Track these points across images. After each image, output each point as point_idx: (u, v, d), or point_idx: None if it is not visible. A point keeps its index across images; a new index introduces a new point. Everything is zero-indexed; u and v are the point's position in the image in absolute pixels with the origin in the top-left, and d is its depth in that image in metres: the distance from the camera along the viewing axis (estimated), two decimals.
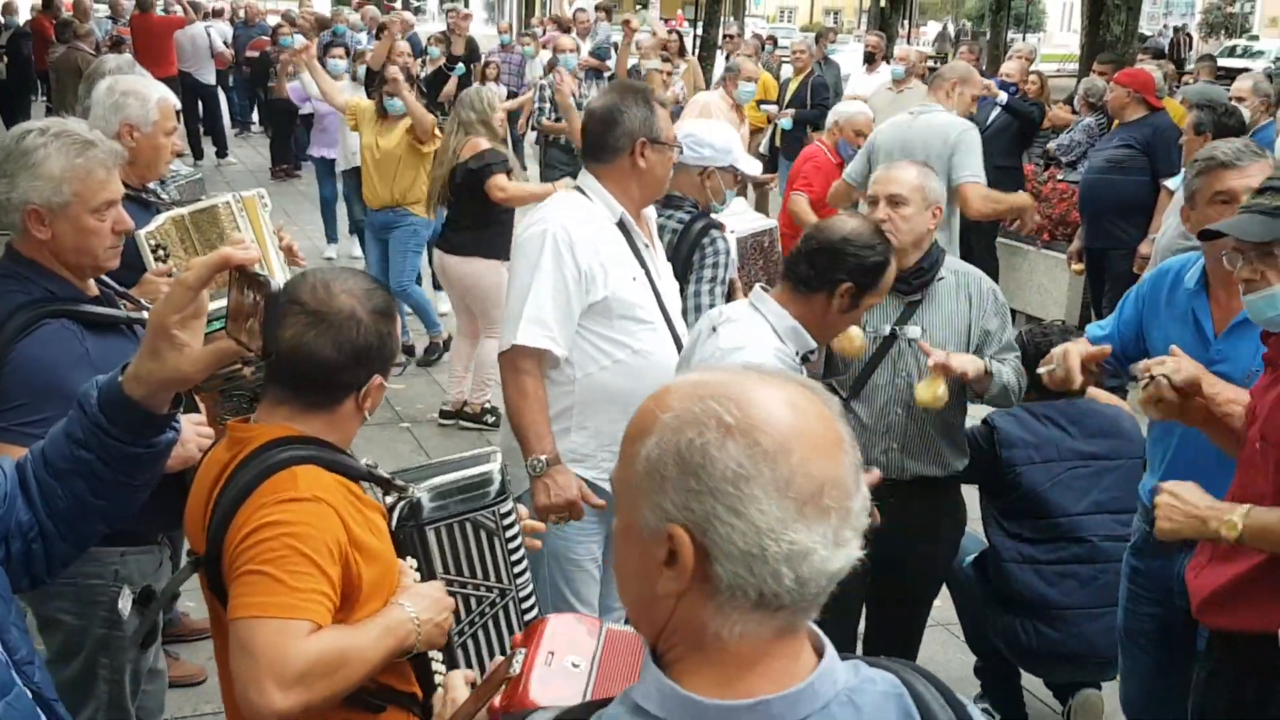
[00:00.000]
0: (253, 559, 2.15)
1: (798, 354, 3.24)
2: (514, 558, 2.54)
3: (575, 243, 3.55)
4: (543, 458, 3.55)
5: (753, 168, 4.64)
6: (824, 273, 3.22)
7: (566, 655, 1.77)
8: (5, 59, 16.18)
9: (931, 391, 3.65)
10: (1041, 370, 3.65)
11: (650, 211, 3.88)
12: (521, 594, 2.56)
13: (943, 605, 4.33)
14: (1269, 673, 2.89)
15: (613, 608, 4.08)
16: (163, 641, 4.33)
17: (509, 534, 2.53)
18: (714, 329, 3.25)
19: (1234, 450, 3.03)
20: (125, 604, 3.11)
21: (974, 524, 4.49)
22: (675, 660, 1.32)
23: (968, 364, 3.65)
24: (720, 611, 1.28)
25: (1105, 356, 3.58)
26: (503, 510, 2.52)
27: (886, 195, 3.79)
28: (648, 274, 3.68)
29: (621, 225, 3.67)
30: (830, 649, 1.35)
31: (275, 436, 2.27)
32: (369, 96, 8.48)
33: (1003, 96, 9.57)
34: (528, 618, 2.55)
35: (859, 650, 4.19)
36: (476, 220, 6.97)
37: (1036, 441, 4.24)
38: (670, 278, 3.89)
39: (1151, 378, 3.07)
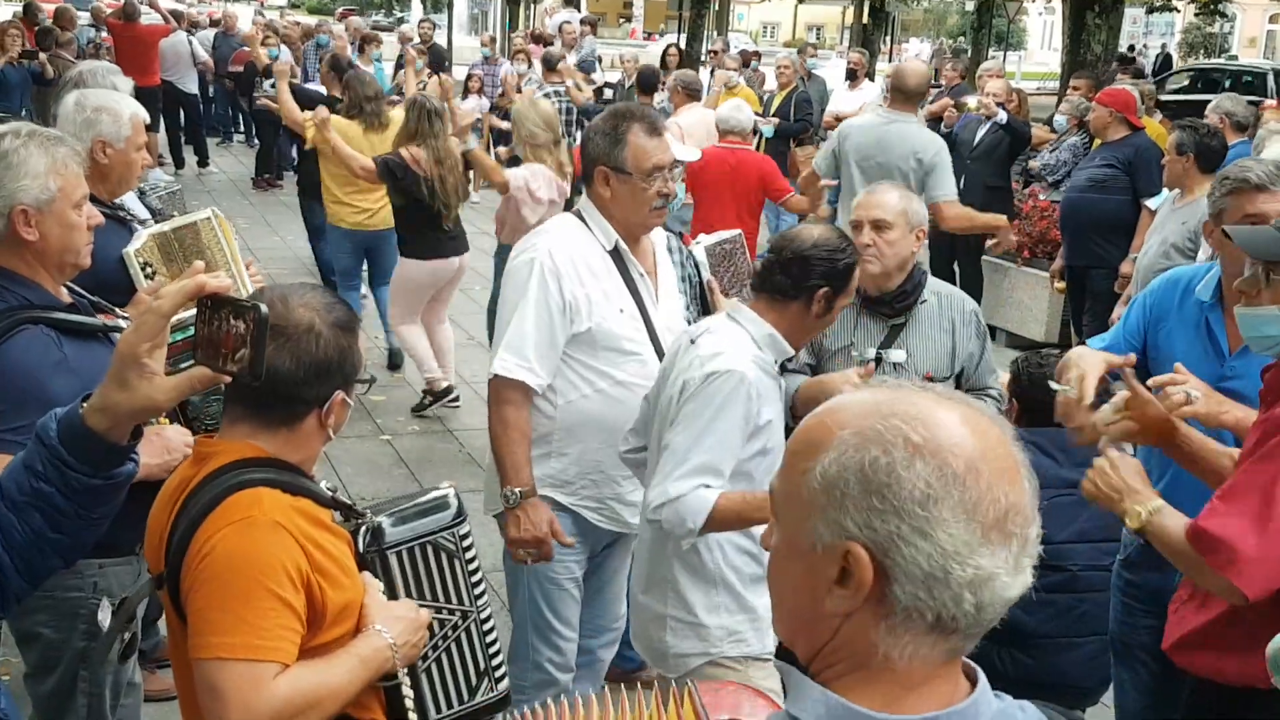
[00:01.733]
0: (215, 594, 2.11)
1: (776, 361, 3.24)
2: (474, 579, 2.52)
3: (561, 273, 3.53)
4: (518, 490, 3.54)
5: (689, 154, 4.58)
6: (800, 280, 3.21)
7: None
8: None
9: None
10: (1058, 389, 3.55)
11: (657, 235, 3.83)
12: (482, 615, 2.54)
13: None
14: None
15: (608, 628, 4.06)
16: (146, 664, 4.30)
17: (468, 555, 2.51)
18: (692, 341, 3.24)
19: (1210, 480, 2.95)
20: (105, 616, 3.08)
21: None
22: (835, 677, 1.31)
23: None
24: (892, 633, 1.27)
25: (1131, 364, 3.36)
26: (461, 532, 2.50)
27: (871, 220, 3.79)
28: (640, 305, 3.65)
29: (615, 253, 3.63)
30: (981, 674, 1.34)
31: (236, 458, 2.23)
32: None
33: (1002, 115, 9.60)
34: (490, 639, 2.54)
35: None
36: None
37: None
38: (671, 306, 3.83)
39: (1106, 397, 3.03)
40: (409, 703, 2.41)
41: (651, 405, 3.39)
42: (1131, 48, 25.95)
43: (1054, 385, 3.43)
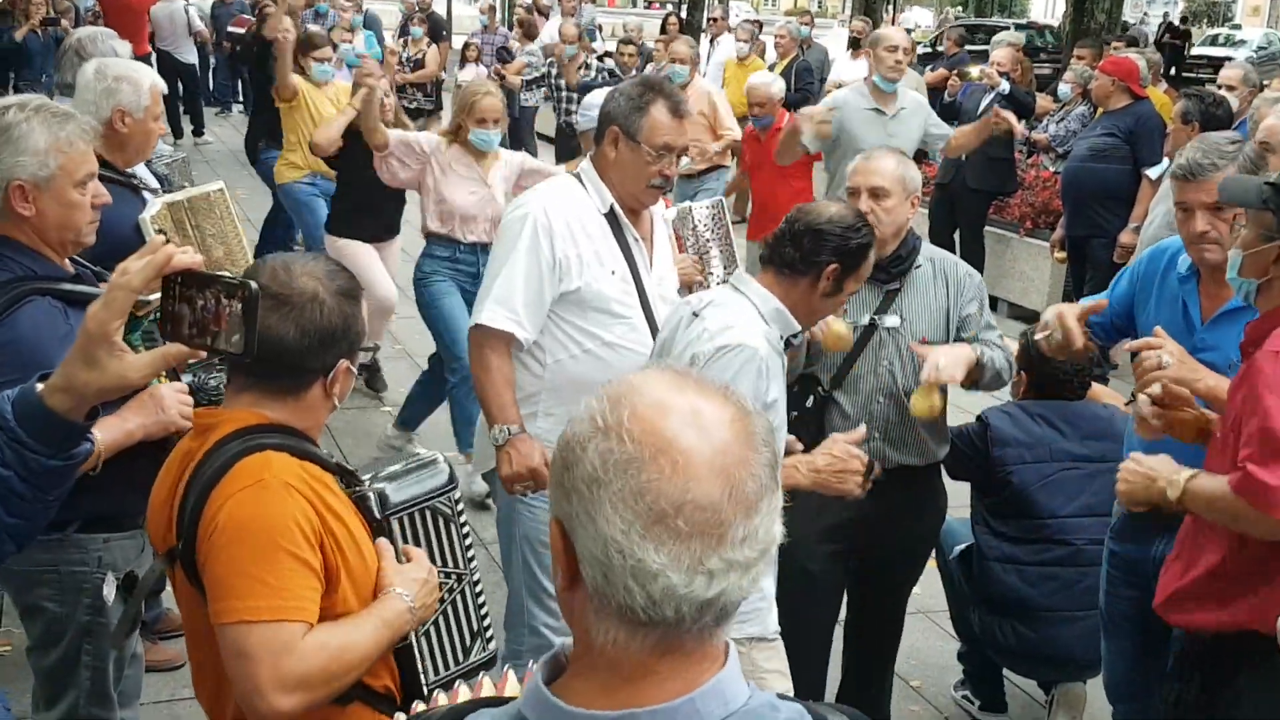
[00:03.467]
0: (233, 559, 2.11)
1: (781, 337, 3.22)
2: (466, 543, 2.56)
3: (554, 230, 3.55)
4: (506, 427, 3.57)
5: None
6: (809, 255, 3.17)
7: None
8: None
9: (927, 402, 3.66)
10: (1039, 337, 3.61)
11: (659, 207, 3.83)
12: (474, 578, 2.58)
13: (921, 593, 4.34)
14: (1228, 670, 2.92)
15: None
16: (148, 635, 4.32)
17: (461, 519, 2.54)
18: (695, 314, 3.21)
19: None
20: (110, 590, 3.09)
21: (965, 510, 4.50)
22: (573, 662, 1.30)
23: (960, 365, 3.64)
24: (597, 616, 1.24)
25: (1102, 309, 3.58)
26: (455, 496, 2.53)
27: (868, 187, 3.78)
28: (633, 268, 3.66)
29: (611, 216, 3.64)
30: (731, 667, 1.26)
31: (243, 425, 2.22)
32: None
33: (1005, 86, 9.54)
34: (480, 600, 2.58)
35: (841, 637, 4.20)
36: None
37: (1030, 441, 4.23)
38: (666, 273, 3.85)
39: (1134, 396, 3.09)
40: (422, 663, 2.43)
41: None
42: (1127, 25, 25.84)
43: (1037, 336, 3.53)
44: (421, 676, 2.43)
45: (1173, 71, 23.00)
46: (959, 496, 4.41)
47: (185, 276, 1.82)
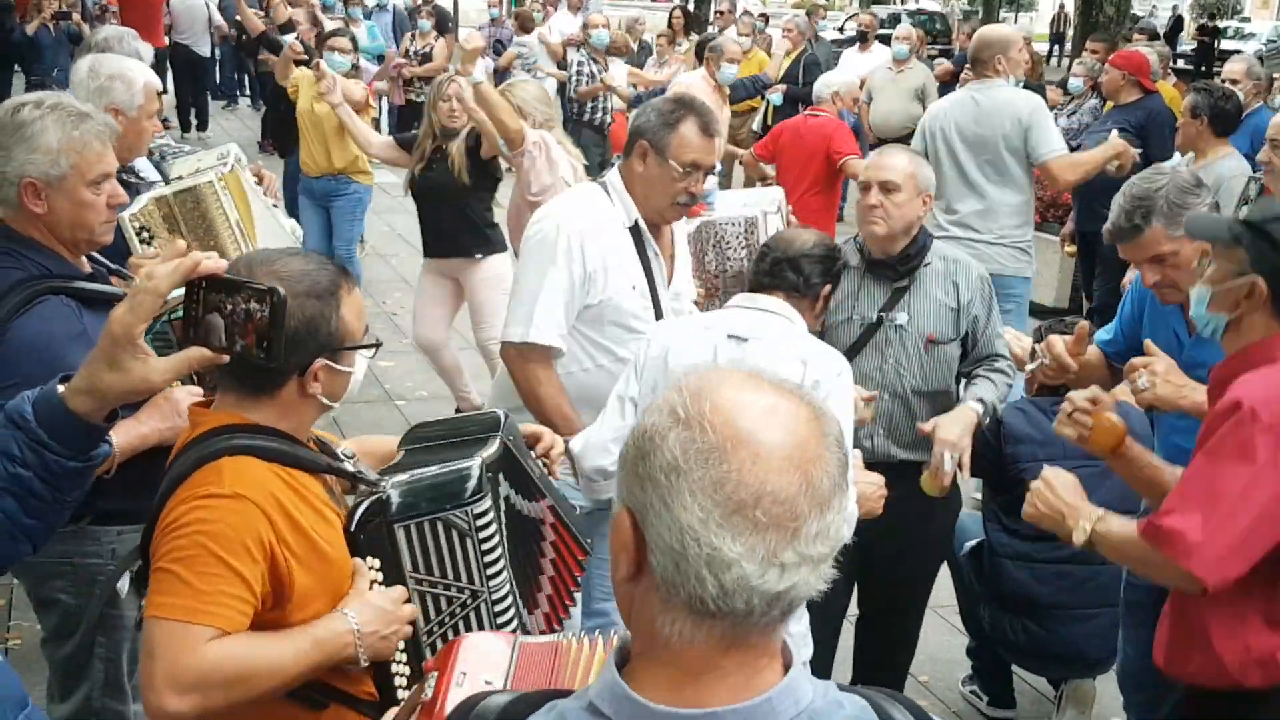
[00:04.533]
0: (166, 555, 2.10)
1: None
2: (488, 559, 2.45)
3: (585, 242, 3.56)
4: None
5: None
6: (810, 278, 3.37)
7: (480, 674, 1.74)
8: None
9: (937, 484, 3.70)
10: (1031, 368, 3.66)
11: (681, 226, 3.87)
12: (495, 596, 2.47)
13: (933, 588, 4.33)
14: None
15: (606, 612, 4.04)
16: None
17: (483, 534, 2.44)
18: (737, 338, 3.17)
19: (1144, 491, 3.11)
20: (124, 583, 3.10)
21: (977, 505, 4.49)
22: (635, 656, 1.31)
23: (967, 434, 3.69)
24: (664, 608, 1.25)
25: (1084, 334, 3.60)
26: (476, 510, 2.42)
27: (879, 181, 3.78)
28: (651, 284, 3.67)
29: (635, 230, 3.65)
30: (798, 666, 1.30)
31: (219, 424, 2.21)
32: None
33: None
34: (501, 620, 2.48)
35: (852, 634, 4.20)
36: None
37: (1043, 439, 4.20)
38: (683, 288, 3.88)
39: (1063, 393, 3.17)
40: (400, 680, 2.39)
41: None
42: (1136, 18, 25.90)
43: (1029, 368, 3.59)
44: (405, 690, 2.38)
45: (1203, 69, 23.06)
46: (970, 491, 4.41)
47: (209, 281, 1.83)
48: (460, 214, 6.49)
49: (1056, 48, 32.25)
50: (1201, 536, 2.57)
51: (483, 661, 1.77)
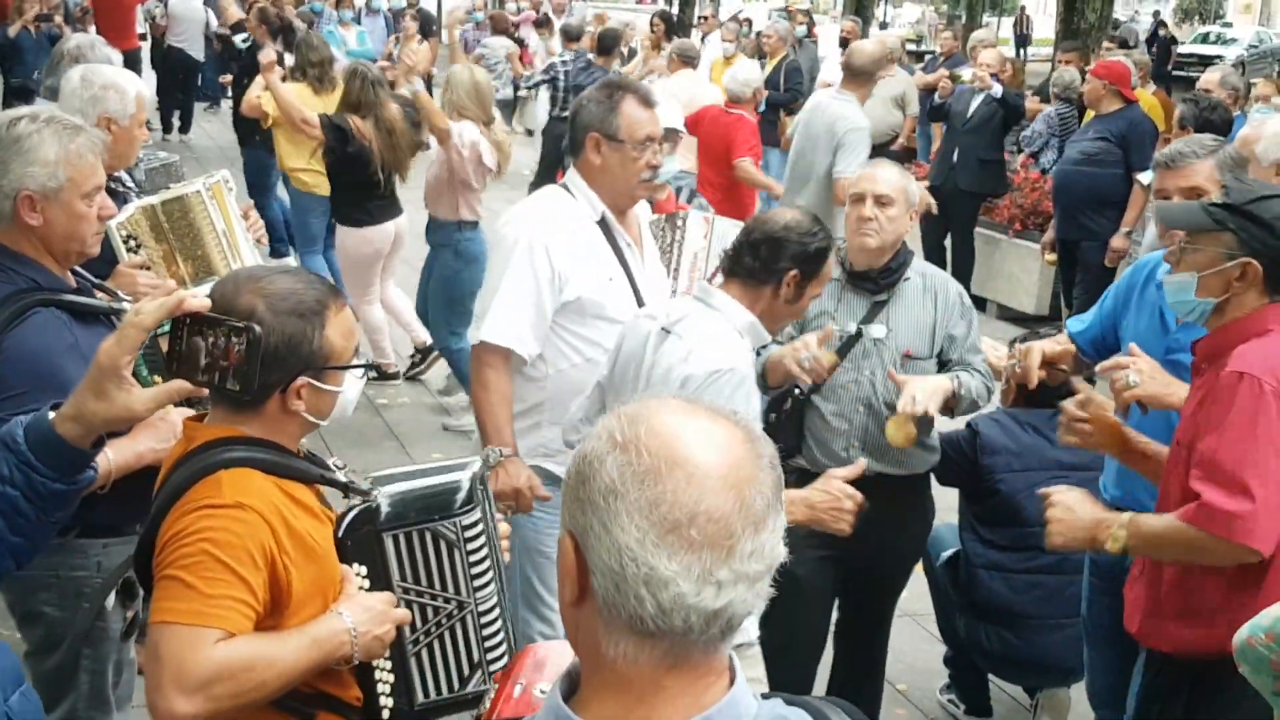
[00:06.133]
0: (171, 564, 2.13)
1: (753, 348, 3.25)
2: (475, 570, 2.47)
3: (550, 242, 3.57)
4: (499, 450, 3.57)
5: (673, 120, 4.76)
6: (769, 262, 3.21)
7: (538, 683, 1.77)
8: None
9: (902, 432, 3.69)
10: (1006, 365, 3.68)
11: (643, 209, 3.86)
12: (482, 608, 2.49)
13: (908, 596, 4.36)
14: (1199, 688, 2.94)
15: None
16: (140, 641, 4.32)
17: (471, 546, 2.46)
18: (666, 330, 3.20)
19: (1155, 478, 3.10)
20: (110, 595, 3.12)
21: (953, 515, 4.52)
22: (583, 683, 1.33)
23: (936, 397, 3.67)
24: (607, 630, 1.28)
25: (1069, 358, 3.64)
26: (465, 522, 2.44)
27: (874, 194, 3.80)
28: (628, 274, 3.68)
29: (603, 223, 3.67)
30: (742, 682, 1.32)
31: (215, 437, 2.24)
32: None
33: (997, 89, 9.56)
34: (487, 631, 2.50)
35: (829, 641, 4.22)
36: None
37: (1018, 449, 4.25)
38: (656, 277, 3.89)
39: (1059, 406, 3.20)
40: (384, 686, 2.42)
41: (606, 391, 3.38)
42: (1118, 24, 26.08)
43: (1005, 363, 3.71)
44: (388, 698, 2.42)
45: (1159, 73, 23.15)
46: (946, 501, 4.44)
47: (194, 318, 1.93)
48: (386, 184, 7.14)
49: (1022, 51, 32.36)
50: (1252, 507, 2.65)
51: (545, 669, 1.81)
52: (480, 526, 2.48)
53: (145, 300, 1.95)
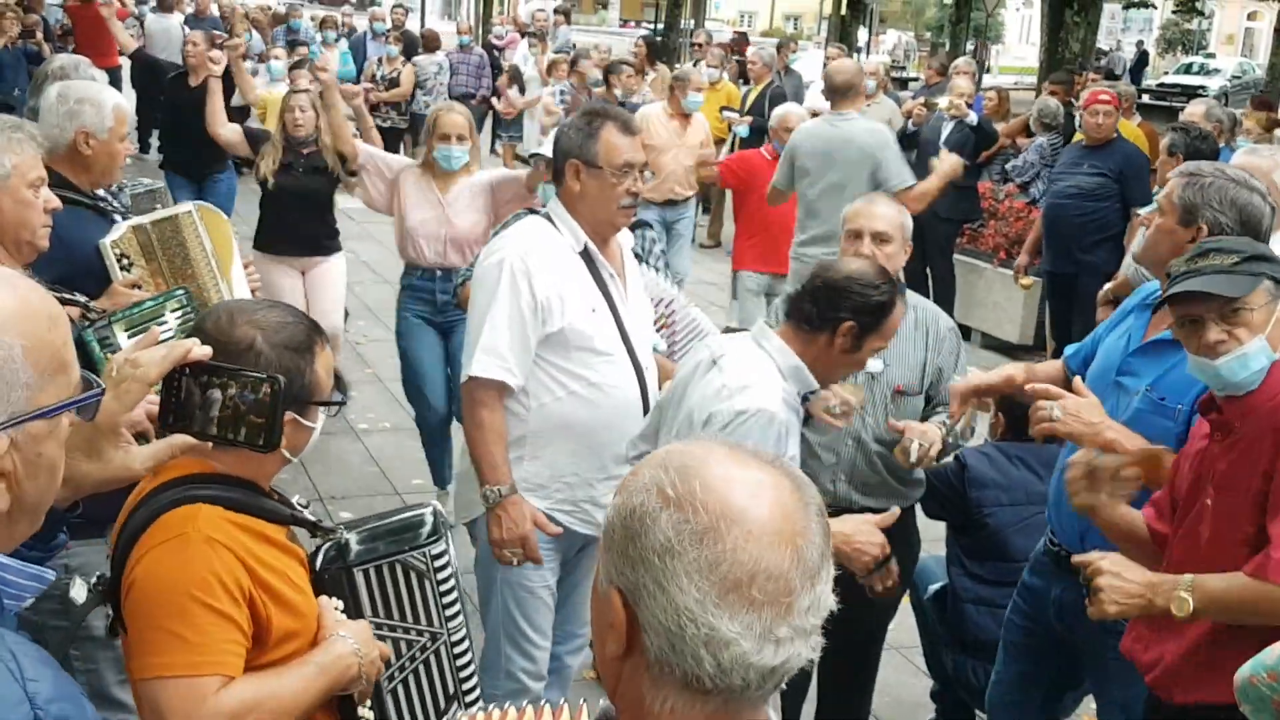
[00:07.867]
0: (149, 614, 2.08)
1: (799, 394, 3.20)
2: (446, 600, 2.48)
3: (532, 273, 3.51)
4: (498, 488, 3.52)
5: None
6: (825, 310, 3.14)
7: None
8: None
9: (906, 457, 3.64)
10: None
11: (625, 238, 3.81)
12: (454, 638, 2.51)
13: (895, 629, 4.31)
14: None
15: (575, 634, 4.02)
16: None
17: (440, 575, 2.47)
18: (714, 361, 3.18)
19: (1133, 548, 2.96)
20: (79, 592, 3.05)
21: (941, 546, 4.46)
22: None
23: (936, 443, 3.64)
24: (655, 685, 1.27)
25: (1010, 385, 3.52)
26: (434, 552, 2.46)
27: (872, 231, 3.79)
28: (611, 305, 3.62)
29: (585, 254, 3.61)
30: None
31: (184, 473, 2.18)
32: None
33: (973, 117, 9.57)
34: (460, 662, 2.51)
35: (814, 675, 4.16)
36: None
37: (1006, 484, 4.21)
38: (641, 307, 3.83)
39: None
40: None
41: (661, 414, 3.37)
42: (1101, 54, 26.20)
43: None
44: None
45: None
46: (933, 533, 4.39)
47: (194, 367, 1.83)
48: (321, 216, 6.97)
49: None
50: None
51: None
52: (448, 557, 2.50)
53: (138, 349, 1.81)
